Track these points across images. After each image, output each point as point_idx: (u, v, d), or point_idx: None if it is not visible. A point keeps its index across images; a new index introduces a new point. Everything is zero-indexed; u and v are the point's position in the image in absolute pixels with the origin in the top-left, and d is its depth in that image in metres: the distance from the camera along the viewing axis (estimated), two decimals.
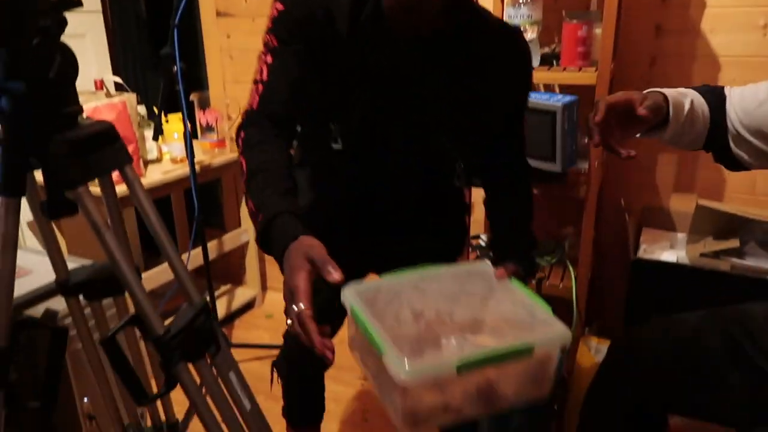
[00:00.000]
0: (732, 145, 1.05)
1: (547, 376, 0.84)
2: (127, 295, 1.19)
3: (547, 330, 0.82)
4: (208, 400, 0.95)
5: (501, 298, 0.91)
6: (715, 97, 1.06)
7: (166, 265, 2.13)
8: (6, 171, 0.76)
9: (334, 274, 0.79)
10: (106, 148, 0.85)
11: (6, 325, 0.79)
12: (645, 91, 1.02)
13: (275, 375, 1.62)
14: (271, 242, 0.89)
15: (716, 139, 1.06)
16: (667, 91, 1.03)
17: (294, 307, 0.79)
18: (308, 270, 0.81)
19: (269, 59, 1.03)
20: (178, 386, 0.89)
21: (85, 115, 0.86)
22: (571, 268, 1.73)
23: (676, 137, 1.06)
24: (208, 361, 0.93)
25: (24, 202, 0.84)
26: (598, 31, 1.54)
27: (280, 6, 1.03)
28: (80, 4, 0.86)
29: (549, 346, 0.81)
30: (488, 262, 0.97)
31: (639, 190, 1.93)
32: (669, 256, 1.70)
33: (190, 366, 0.90)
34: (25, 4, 0.73)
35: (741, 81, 1.72)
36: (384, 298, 0.87)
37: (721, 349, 1.12)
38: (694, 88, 1.08)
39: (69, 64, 0.80)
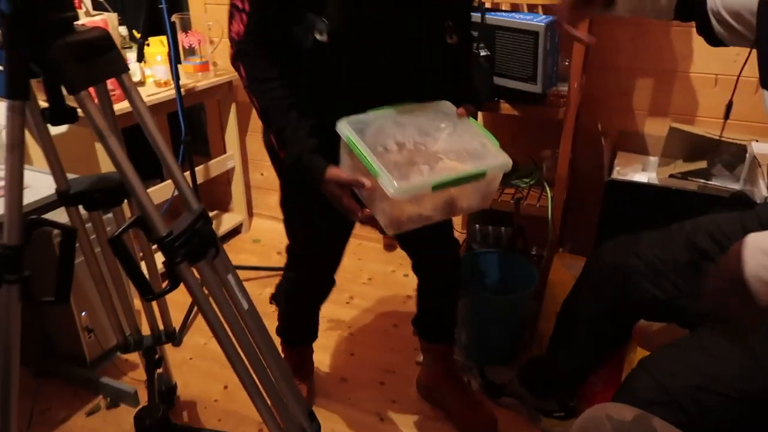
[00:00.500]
0: (714, 22, 1.11)
1: (491, 192, 1.15)
2: (124, 206, 1.25)
3: (496, 159, 1.08)
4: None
5: (461, 132, 1.15)
6: None
7: (153, 189, 2.17)
8: (10, 74, 0.78)
9: (366, 183, 1.03)
10: (104, 55, 0.88)
11: (18, 223, 0.84)
12: None
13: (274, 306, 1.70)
14: (302, 175, 1.10)
15: (692, 12, 1.14)
16: None
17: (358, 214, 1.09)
18: (347, 194, 1.08)
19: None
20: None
21: None
22: (548, 189, 1.81)
23: (634, 10, 1.15)
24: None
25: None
26: None
27: None
28: None
29: (496, 172, 1.09)
30: (449, 103, 1.20)
31: (615, 115, 1.99)
32: (641, 177, 1.79)
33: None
34: None
35: None
36: (371, 130, 1.09)
37: (686, 257, 1.21)
38: None
39: None
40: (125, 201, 1.21)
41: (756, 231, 1.11)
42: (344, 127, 1.08)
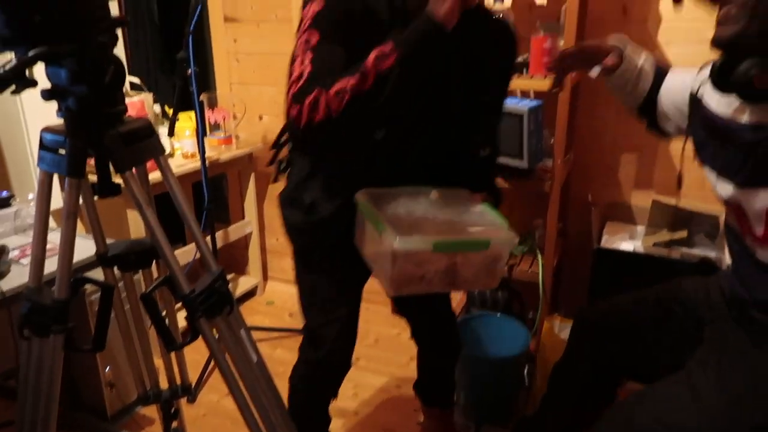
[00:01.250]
0: (659, 117, 1.27)
1: (498, 270, 1.14)
2: (152, 268, 1.40)
3: (501, 234, 1.10)
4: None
5: (472, 212, 1.18)
6: (660, 72, 1.27)
7: (175, 253, 2.34)
8: (72, 157, 0.96)
9: None
10: (146, 140, 1.06)
11: (67, 280, 0.99)
12: (612, 40, 1.24)
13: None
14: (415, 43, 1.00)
15: (648, 108, 1.28)
16: (629, 48, 1.24)
17: None
18: None
19: (310, 55, 1.03)
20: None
21: None
22: (539, 256, 1.94)
23: (618, 88, 1.29)
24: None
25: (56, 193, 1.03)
26: (562, 42, 1.75)
27: (319, 5, 1.06)
28: (128, 24, 1.07)
29: (501, 245, 1.10)
30: (466, 190, 1.24)
31: (604, 187, 2.14)
32: (627, 245, 1.91)
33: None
34: (90, 24, 0.94)
35: None
36: (386, 200, 1.13)
37: (653, 315, 1.32)
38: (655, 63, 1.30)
39: (119, 72, 1.00)
40: (154, 263, 1.36)
41: (716, 296, 1.24)
42: (360, 196, 1.14)
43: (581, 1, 1.72)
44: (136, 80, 2.37)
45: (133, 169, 1.03)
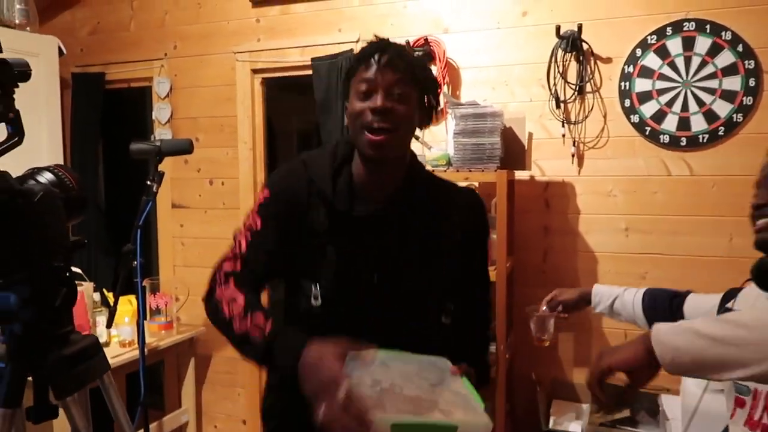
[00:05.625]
0: None
1: None
2: None
3: (473, 417, 0.97)
4: None
5: (447, 386, 1.05)
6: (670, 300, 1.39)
7: None
8: (10, 386, 0.92)
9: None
10: (92, 359, 1.04)
11: None
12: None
13: None
14: (276, 358, 1.00)
15: None
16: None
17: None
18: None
19: (249, 236, 1.14)
20: None
21: None
22: None
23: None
24: None
25: None
26: (494, 236, 1.90)
27: (267, 192, 1.17)
28: (84, 246, 1.10)
29: (471, 430, 0.96)
30: (447, 360, 1.11)
31: (547, 365, 2.20)
32: (575, 426, 1.93)
33: None
34: (47, 252, 0.96)
35: (614, 272, 2.11)
36: (357, 366, 1.02)
37: None
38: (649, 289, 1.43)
39: (71, 294, 1.01)
40: None
41: None
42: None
43: (509, 197, 1.90)
44: (77, 270, 2.34)
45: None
